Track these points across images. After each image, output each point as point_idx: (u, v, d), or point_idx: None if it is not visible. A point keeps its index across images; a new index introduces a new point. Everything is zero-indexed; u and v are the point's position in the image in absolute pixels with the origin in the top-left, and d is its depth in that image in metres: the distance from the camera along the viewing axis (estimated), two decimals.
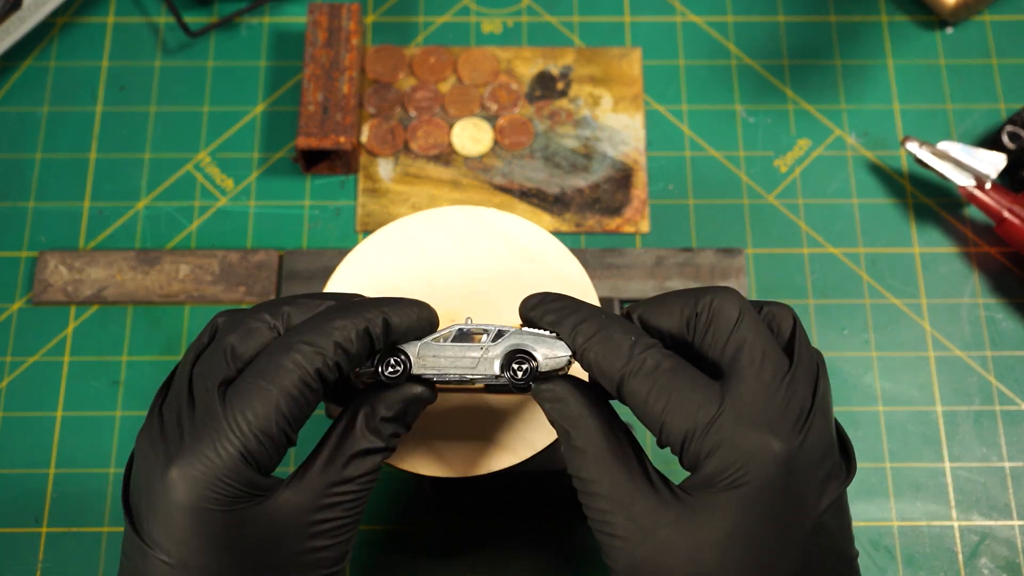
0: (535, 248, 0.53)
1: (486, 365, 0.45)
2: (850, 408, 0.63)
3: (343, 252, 0.58)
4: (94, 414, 0.62)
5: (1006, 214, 0.64)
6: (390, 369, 0.45)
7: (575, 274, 0.52)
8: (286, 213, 0.67)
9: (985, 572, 0.59)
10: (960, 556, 0.60)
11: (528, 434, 0.49)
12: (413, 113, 0.69)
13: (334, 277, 0.53)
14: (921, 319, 0.65)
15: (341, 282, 0.53)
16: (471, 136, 0.69)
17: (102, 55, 0.71)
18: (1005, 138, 0.67)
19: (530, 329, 0.45)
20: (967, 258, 0.66)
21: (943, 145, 0.65)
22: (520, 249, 0.53)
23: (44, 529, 0.60)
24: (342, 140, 0.66)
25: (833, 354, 0.64)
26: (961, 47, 0.71)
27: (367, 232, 0.66)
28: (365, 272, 0.53)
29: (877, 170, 0.68)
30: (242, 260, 0.65)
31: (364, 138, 0.68)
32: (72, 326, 0.64)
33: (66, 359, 0.64)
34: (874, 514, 0.60)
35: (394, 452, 0.46)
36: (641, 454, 0.43)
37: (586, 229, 0.66)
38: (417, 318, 0.45)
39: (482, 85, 0.70)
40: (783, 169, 0.68)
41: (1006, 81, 0.71)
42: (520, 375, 0.44)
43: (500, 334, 0.45)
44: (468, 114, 0.69)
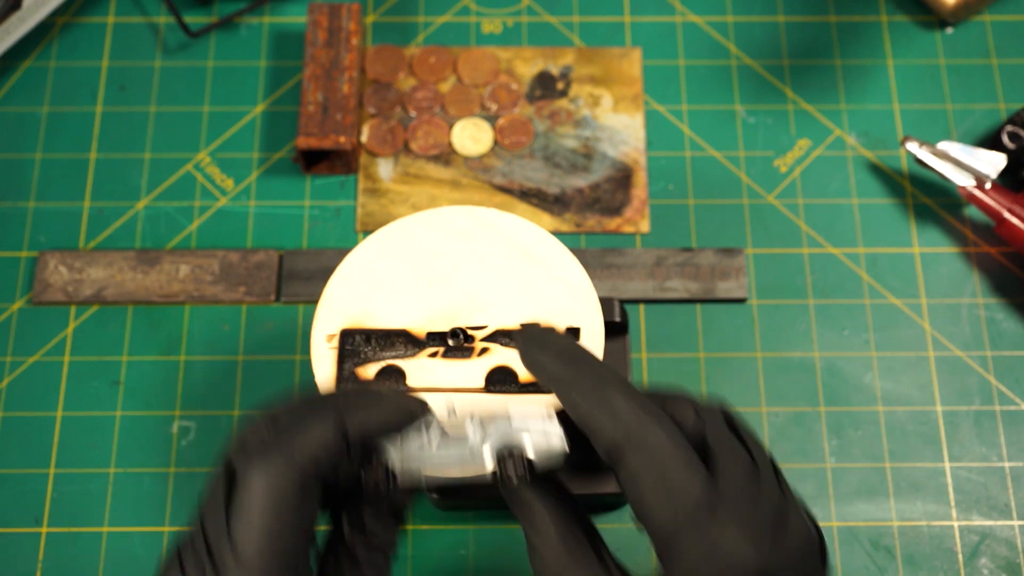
0: (535, 248, 0.53)
1: (476, 463, 0.42)
2: (850, 408, 0.63)
3: (343, 252, 0.58)
4: (94, 414, 0.62)
5: (1006, 214, 0.64)
6: (374, 486, 0.42)
7: (575, 274, 0.52)
8: (286, 213, 0.67)
9: (985, 572, 0.59)
10: (960, 556, 0.60)
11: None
12: (413, 113, 0.69)
13: (334, 277, 0.53)
14: (921, 319, 0.65)
15: (341, 282, 0.53)
16: (471, 136, 0.69)
17: (102, 55, 0.71)
18: (1005, 138, 0.67)
19: (518, 400, 0.43)
20: (967, 258, 0.66)
21: (943, 145, 0.66)
22: (520, 249, 0.53)
23: (44, 529, 0.60)
24: (342, 140, 0.66)
25: (833, 354, 0.64)
26: (961, 47, 0.71)
27: (367, 232, 0.66)
28: (365, 272, 0.53)
29: (877, 170, 0.68)
30: (242, 260, 0.65)
31: (364, 138, 0.68)
32: (72, 326, 0.64)
33: (66, 359, 0.64)
34: (874, 514, 0.60)
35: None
36: (601, 550, 0.42)
37: (586, 229, 0.66)
38: (387, 418, 0.43)
39: (482, 85, 0.70)
40: (783, 169, 0.68)
41: (1006, 81, 0.71)
42: (515, 476, 0.42)
43: (484, 421, 0.42)
44: (468, 114, 0.69)
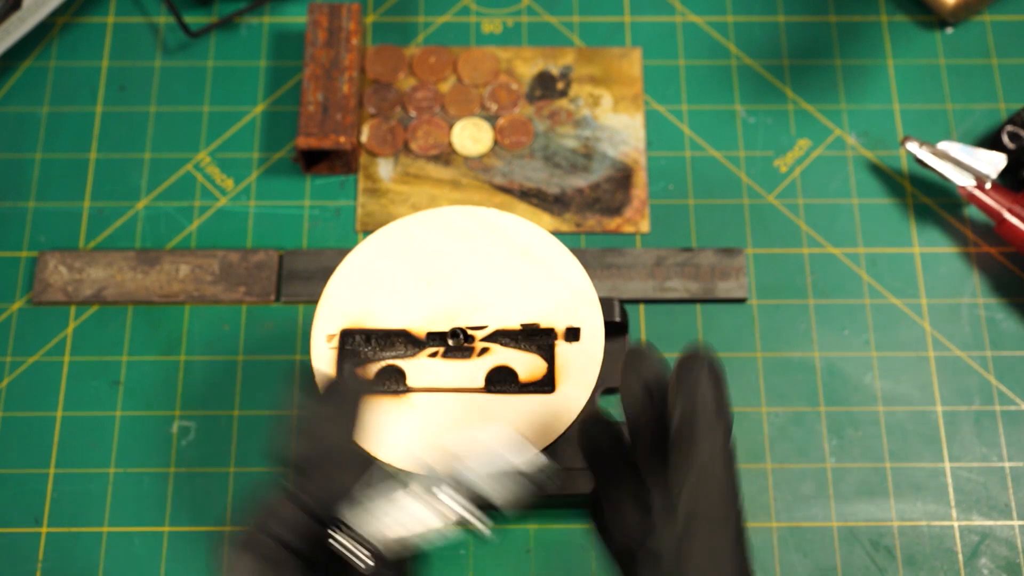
0: (535, 248, 0.53)
1: (437, 516, 0.42)
2: (850, 408, 0.63)
3: (343, 252, 0.58)
4: (94, 414, 0.62)
5: (1006, 214, 0.64)
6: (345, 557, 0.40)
7: (575, 274, 0.53)
8: (286, 213, 0.67)
9: (985, 572, 0.59)
10: (960, 556, 0.60)
11: (526, 435, 0.49)
12: (413, 113, 0.69)
13: (334, 277, 0.53)
14: (921, 319, 0.65)
15: (341, 282, 0.53)
16: (471, 136, 0.69)
17: (102, 55, 0.71)
18: (1005, 138, 0.67)
19: (471, 461, 0.43)
20: (967, 258, 0.66)
21: (943, 145, 0.66)
22: (520, 249, 0.53)
23: (44, 529, 0.60)
24: (342, 140, 0.66)
25: (833, 354, 0.64)
26: (961, 47, 0.71)
27: (367, 232, 0.66)
28: (365, 272, 0.53)
29: (877, 170, 0.68)
30: (242, 260, 0.65)
31: (364, 138, 0.68)
32: (72, 326, 0.64)
33: (66, 359, 0.64)
34: (874, 514, 0.60)
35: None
36: None
37: (586, 229, 0.66)
38: (337, 489, 0.42)
39: (482, 85, 0.70)
40: (783, 169, 0.68)
41: (1006, 81, 0.71)
42: (481, 524, 0.42)
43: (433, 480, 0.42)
44: (468, 114, 0.69)
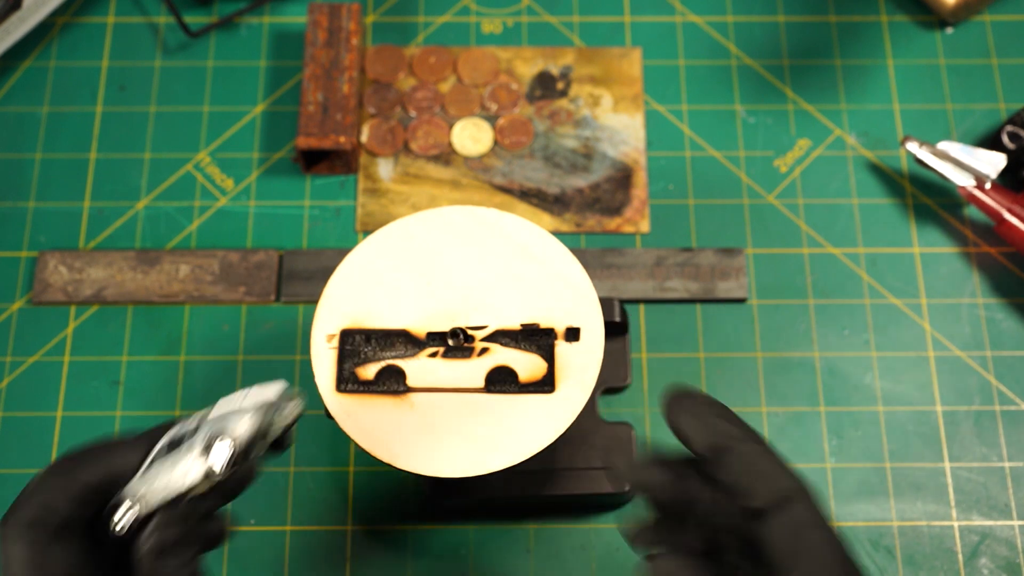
0: (535, 248, 0.53)
1: (194, 465, 0.42)
2: (850, 408, 0.63)
3: (343, 252, 0.58)
4: (94, 414, 0.62)
5: (1006, 214, 0.64)
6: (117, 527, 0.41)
7: (575, 274, 0.52)
8: (286, 213, 0.67)
9: (985, 572, 0.59)
10: (960, 556, 0.60)
11: (526, 435, 0.49)
12: (413, 113, 0.69)
13: (334, 277, 0.53)
14: (921, 319, 0.65)
15: (341, 282, 0.53)
16: (471, 136, 0.69)
17: (102, 55, 0.71)
18: (1005, 138, 0.67)
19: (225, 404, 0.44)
20: (967, 258, 0.66)
21: (943, 145, 0.66)
22: (520, 249, 0.53)
23: None
24: (342, 140, 0.66)
25: (833, 354, 0.64)
26: (961, 47, 0.71)
27: (367, 232, 0.66)
28: (365, 272, 0.53)
29: (877, 170, 0.68)
30: (242, 260, 0.65)
31: (364, 138, 0.68)
32: (72, 326, 0.64)
33: (66, 359, 0.64)
34: (874, 514, 0.60)
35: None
36: None
37: (586, 229, 0.66)
38: (111, 464, 0.42)
39: (482, 85, 0.70)
40: (783, 169, 0.68)
41: (1006, 81, 0.70)
42: (225, 464, 0.42)
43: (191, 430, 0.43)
44: (468, 114, 0.69)
